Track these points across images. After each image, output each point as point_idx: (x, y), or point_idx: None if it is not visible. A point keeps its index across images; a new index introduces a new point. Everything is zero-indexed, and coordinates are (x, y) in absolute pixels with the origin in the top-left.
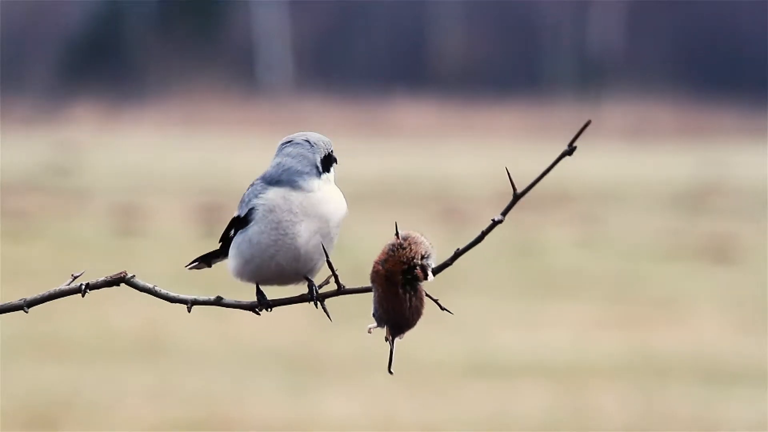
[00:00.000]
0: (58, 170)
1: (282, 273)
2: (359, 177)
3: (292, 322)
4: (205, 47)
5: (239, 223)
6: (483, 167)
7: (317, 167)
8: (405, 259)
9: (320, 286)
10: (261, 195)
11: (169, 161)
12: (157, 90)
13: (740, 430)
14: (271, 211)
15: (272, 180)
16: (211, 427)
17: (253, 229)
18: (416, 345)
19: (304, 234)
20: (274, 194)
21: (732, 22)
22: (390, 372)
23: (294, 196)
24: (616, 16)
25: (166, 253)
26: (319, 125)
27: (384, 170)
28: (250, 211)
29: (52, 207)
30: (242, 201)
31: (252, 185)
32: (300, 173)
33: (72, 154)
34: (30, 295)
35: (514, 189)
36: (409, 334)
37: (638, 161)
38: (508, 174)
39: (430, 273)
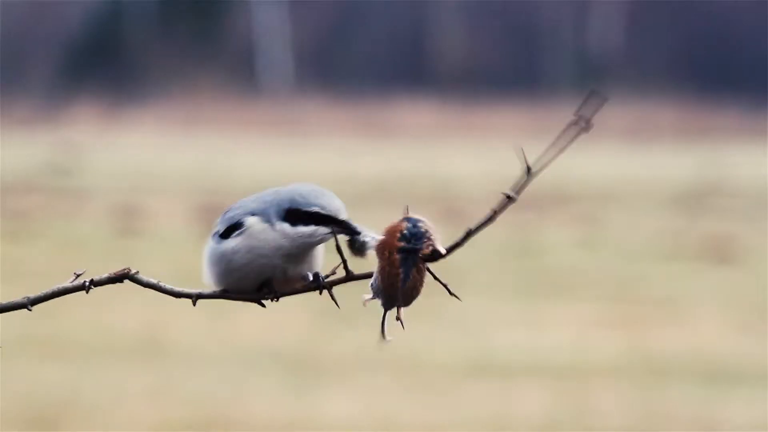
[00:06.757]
0: (58, 170)
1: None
2: (359, 177)
3: (291, 322)
4: (205, 47)
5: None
6: (483, 167)
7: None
8: (408, 232)
9: (327, 276)
10: (243, 218)
11: (169, 161)
12: (157, 90)
13: (740, 431)
14: (249, 236)
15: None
16: (211, 427)
17: (229, 245)
18: (416, 345)
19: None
20: (255, 220)
21: (732, 22)
22: (383, 337)
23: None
24: (616, 16)
25: (166, 253)
26: (319, 125)
27: (384, 170)
28: (231, 228)
29: (52, 207)
30: (222, 219)
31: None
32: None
33: (72, 154)
34: (31, 294)
35: (528, 167)
36: (399, 331)
37: (638, 161)
38: (522, 153)
39: (442, 249)
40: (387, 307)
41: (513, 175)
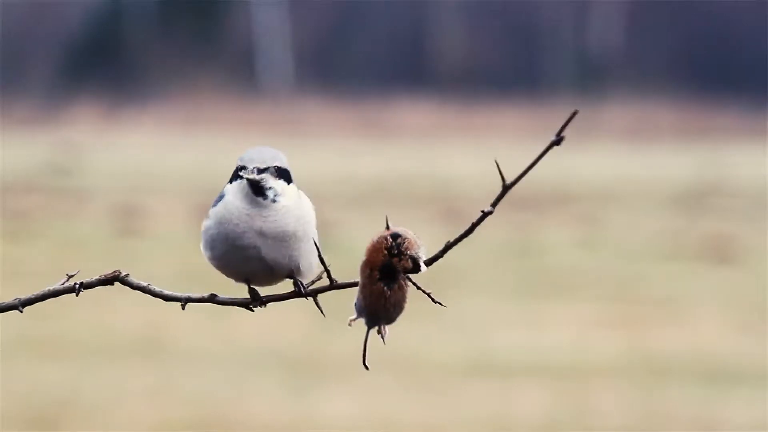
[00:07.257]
0: (58, 170)
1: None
2: (359, 177)
3: (292, 323)
4: (205, 47)
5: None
6: (483, 167)
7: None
8: (389, 249)
9: (312, 282)
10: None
11: (169, 161)
12: (157, 90)
13: (740, 431)
14: (220, 222)
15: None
16: (211, 427)
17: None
18: (416, 345)
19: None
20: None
21: (732, 22)
22: (365, 366)
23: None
24: (616, 16)
25: (167, 253)
26: (319, 125)
27: (384, 170)
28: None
29: (52, 207)
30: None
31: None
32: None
33: (72, 154)
34: (26, 295)
35: (504, 180)
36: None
37: (638, 161)
38: (497, 166)
39: (422, 264)
40: (371, 325)
41: (512, 176)
